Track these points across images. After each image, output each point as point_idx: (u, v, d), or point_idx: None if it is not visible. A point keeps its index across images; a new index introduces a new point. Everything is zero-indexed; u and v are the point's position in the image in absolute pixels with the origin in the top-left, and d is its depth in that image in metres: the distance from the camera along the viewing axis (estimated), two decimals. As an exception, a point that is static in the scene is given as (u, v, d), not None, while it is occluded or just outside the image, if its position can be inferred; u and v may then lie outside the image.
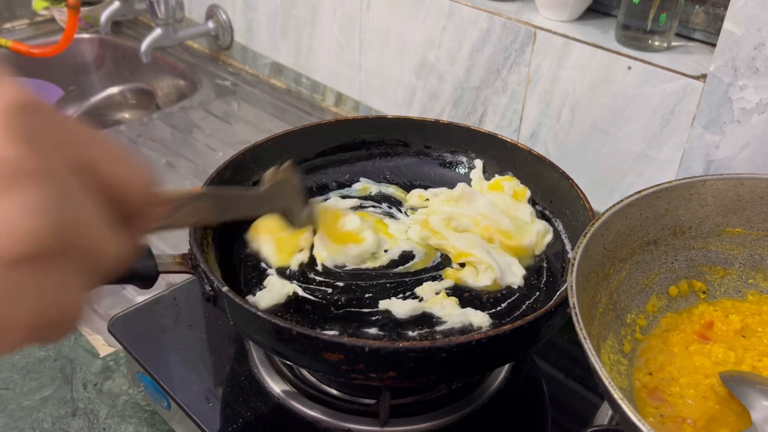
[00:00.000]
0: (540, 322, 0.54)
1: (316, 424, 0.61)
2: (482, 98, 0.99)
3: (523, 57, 0.91)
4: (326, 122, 0.81)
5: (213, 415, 0.62)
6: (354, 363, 0.51)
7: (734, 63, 0.70)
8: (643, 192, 0.55)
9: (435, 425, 0.61)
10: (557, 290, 0.66)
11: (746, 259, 0.59)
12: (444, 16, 0.99)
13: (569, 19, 0.89)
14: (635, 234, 0.56)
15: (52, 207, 0.21)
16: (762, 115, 0.70)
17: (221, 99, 1.36)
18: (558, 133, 0.91)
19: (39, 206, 0.20)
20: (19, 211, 0.20)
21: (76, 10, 1.43)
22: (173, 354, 0.68)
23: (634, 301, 0.57)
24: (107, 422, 0.69)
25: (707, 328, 0.56)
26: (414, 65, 1.08)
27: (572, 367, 0.70)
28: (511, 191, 0.76)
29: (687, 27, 0.85)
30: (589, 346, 0.42)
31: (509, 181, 0.77)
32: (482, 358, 0.54)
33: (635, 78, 0.80)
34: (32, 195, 0.20)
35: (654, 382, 0.51)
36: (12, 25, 1.66)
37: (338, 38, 1.20)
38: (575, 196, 0.68)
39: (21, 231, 0.20)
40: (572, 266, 0.48)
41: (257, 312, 0.52)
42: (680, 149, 0.79)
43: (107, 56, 1.66)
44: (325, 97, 1.30)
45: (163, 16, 1.35)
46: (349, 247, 0.68)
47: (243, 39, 1.44)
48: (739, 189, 0.57)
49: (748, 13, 0.67)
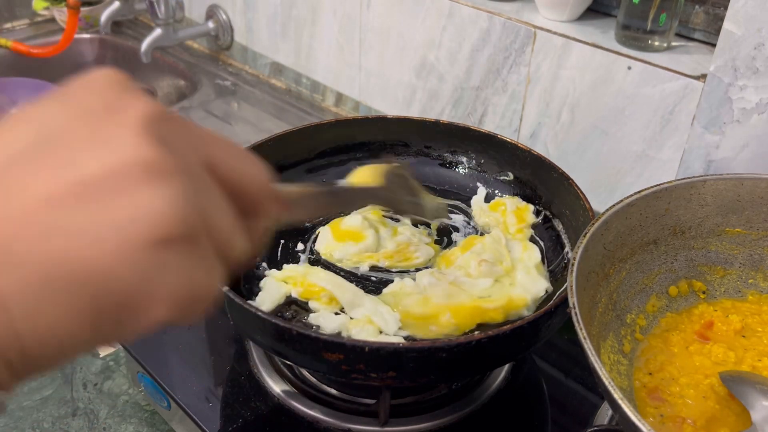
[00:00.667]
0: (540, 322, 0.54)
1: (316, 424, 0.61)
2: (482, 98, 0.99)
3: (523, 57, 0.91)
4: (326, 122, 0.81)
5: (213, 415, 0.62)
6: (354, 363, 0.51)
7: (734, 63, 0.70)
8: (643, 192, 0.55)
9: (435, 425, 0.61)
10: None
11: (746, 259, 0.59)
12: (444, 16, 0.99)
13: (569, 19, 0.89)
14: (635, 234, 0.56)
15: (189, 197, 0.24)
16: (762, 115, 0.70)
17: (221, 99, 1.36)
18: (558, 133, 0.91)
19: (178, 196, 0.24)
20: (162, 200, 0.23)
21: (76, 10, 1.43)
22: (173, 354, 0.68)
23: (634, 301, 0.57)
24: (107, 422, 0.69)
25: (707, 328, 0.56)
26: (414, 65, 1.08)
27: (572, 367, 0.70)
28: (514, 207, 0.75)
29: (687, 27, 0.85)
30: (589, 346, 0.42)
31: (511, 199, 0.77)
32: (482, 358, 0.54)
33: (635, 78, 0.80)
34: (172, 187, 0.23)
35: (654, 382, 0.51)
36: (12, 25, 1.66)
37: (338, 38, 1.20)
38: (575, 196, 0.68)
39: (165, 216, 0.23)
40: (572, 266, 0.48)
41: (257, 312, 0.52)
42: (680, 149, 0.79)
43: (107, 56, 1.66)
44: (325, 97, 1.30)
45: (163, 16, 1.34)
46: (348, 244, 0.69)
47: (243, 39, 1.44)
48: (739, 189, 0.57)
49: (748, 13, 0.67)
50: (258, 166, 0.30)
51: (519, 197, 0.78)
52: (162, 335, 0.70)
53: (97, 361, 0.76)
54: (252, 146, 0.75)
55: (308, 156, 0.81)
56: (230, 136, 1.21)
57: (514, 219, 0.74)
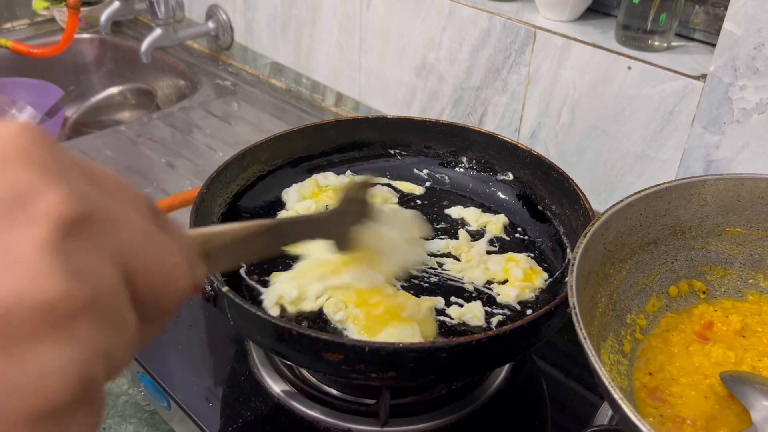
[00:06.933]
0: (540, 322, 0.54)
1: (316, 424, 0.61)
2: (482, 98, 0.99)
3: (523, 57, 0.91)
4: (326, 122, 0.81)
5: (213, 415, 0.62)
6: (354, 363, 0.51)
7: (734, 63, 0.70)
8: (643, 192, 0.55)
9: (435, 425, 0.61)
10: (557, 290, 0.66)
11: (746, 259, 0.59)
12: (444, 16, 0.99)
13: (569, 19, 0.89)
14: (635, 234, 0.56)
15: (92, 351, 0.19)
16: (762, 115, 0.70)
17: (221, 99, 1.36)
18: (558, 133, 0.91)
19: (78, 354, 0.18)
20: (56, 364, 0.18)
21: (76, 10, 1.43)
22: (173, 354, 0.68)
23: (634, 301, 0.57)
24: (107, 422, 0.69)
25: (707, 328, 0.56)
26: (414, 65, 1.08)
27: (572, 367, 0.70)
28: (528, 266, 0.68)
29: (687, 27, 0.85)
30: (589, 346, 0.42)
31: (527, 259, 0.70)
32: (482, 358, 0.54)
33: (635, 78, 0.80)
34: (70, 346, 0.18)
35: (654, 382, 0.51)
36: (12, 25, 1.66)
37: (338, 38, 1.20)
38: (575, 196, 0.68)
39: (56, 384, 0.18)
40: (572, 266, 0.48)
41: (257, 312, 0.52)
42: (680, 149, 0.79)
43: (107, 56, 1.66)
44: (325, 97, 1.30)
45: (163, 16, 1.34)
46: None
47: (243, 39, 1.44)
48: (739, 189, 0.57)
49: (748, 13, 0.67)
50: (178, 263, 0.24)
51: (535, 260, 0.71)
52: (162, 335, 0.70)
53: (97, 361, 0.76)
54: (252, 146, 0.75)
55: (308, 156, 0.81)
56: (230, 136, 1.22)
57: (521, 274, 0.67)
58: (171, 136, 1.23)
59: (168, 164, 1.14)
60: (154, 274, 0.23)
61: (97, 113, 1.59)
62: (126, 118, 1.59)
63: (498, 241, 0.73)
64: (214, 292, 0.56)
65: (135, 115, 1.58)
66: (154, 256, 0.23)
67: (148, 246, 0.23)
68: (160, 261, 0.23)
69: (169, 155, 1.17)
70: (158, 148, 1.18)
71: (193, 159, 1.16)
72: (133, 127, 1.25)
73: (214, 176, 0.69)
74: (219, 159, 1.13)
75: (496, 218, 0.76)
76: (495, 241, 0.73)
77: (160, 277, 0.23)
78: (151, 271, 0.23)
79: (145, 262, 0.22)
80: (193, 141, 1.21)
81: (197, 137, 1.22)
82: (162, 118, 1.28)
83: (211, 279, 0.55)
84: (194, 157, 1.16)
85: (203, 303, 0.67)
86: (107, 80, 1.66)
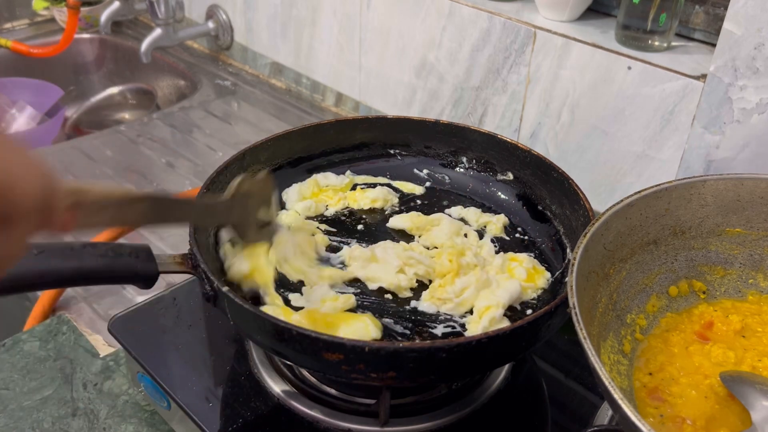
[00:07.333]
0: (540, 322, 0.54)
1: (316, 424, 0.61)
2: (482, 98, 0.99)
3: (523, 57, 0.91)
4: (326, 122, 0.81)
5: (213, 415, 0.62)
6: (354, 363, 0.51)
7: (734, 63, 0.70)
8: (643, 192, 0.55)
9: (435, 425, 0.61)
10: (557, 290, 0.66)
11: (746, 259, 0.59)
12: (444, 16, 0.99)
13: (569, 19, 0.89)
14: (635, 234, 0.56)
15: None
16: (762, 115, 0.70)
17: (221, 99, 1.36)
18: (558, 133, 0.91)
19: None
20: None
21: (76, 10, 1.43)
22: (173, 354, 0.68)
23: (634, 301, 0.57)
24: (107, 422, 0.69)
25: (707, 328, 0.56)
26: (414, 65, 1.08)
27: (572, 367, 0.70)
28: (531, 266, 0.68)
29: (687, 27, 0.85)
30: (589, 346, 0.42)
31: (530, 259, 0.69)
32: (482, 358, 0.54)
33: (635, 78, 0.80)
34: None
35: (654, 382, 0.51)
36: (12, 25, 1.66)
37: (338, 38, 1.20)
38: (575, 196, 0.68)
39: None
40: (572, 266, 0.48)
41: (257, 312, 0.52)
42: (680, 149, 0.79)
43: (107, 56, 1.66)
44: (325, 97, 1.30)
45: (163, 16, 1.35)
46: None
47: (243, 39, 1.44)
48: (739, 189, 0.57)
49: (748, 13, 0.67)
50: (30, 172, 0.26)
51: (537, 260, 0.70)
52: (162, 335, 0.70)
53: (97, 361, 0.76)
54: (252, 146, 0.75)
55: (308, 156, 0.81)
56: (230, 136, 1.22)
57: (524, 274, 0.66)
58: (171, 136, 1.23)
59: (168, 164, 1.14)
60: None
61: (97, 113, 1.59)
62: (126, 118, 1.59)
63: (498, 241, 0.73)
64: (214, 292, 0.56)
65: (135, 115, 1.58)
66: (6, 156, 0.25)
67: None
68: (5, 160, 0.25)
69: (169, 155, 1.17)
70: (158, 148, 1.18)
71: (193, 159, 1.16)
72: (133, 127, 1.25)
73: (214, 176, 0.69)
74: (219, 159, 1.13)
75: (496, 218, 0.76)
76: (495, 241, 0.73)
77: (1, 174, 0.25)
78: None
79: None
80: (193, 141, 1.21)
81: (197, 137, 1.22)
82: (162, 118, 1.29)
83: (211, 279, 0.55)
84: (194, 157, 1.16)
85: (203, 303, 0.67)
86: (107, 80, 1.66)
